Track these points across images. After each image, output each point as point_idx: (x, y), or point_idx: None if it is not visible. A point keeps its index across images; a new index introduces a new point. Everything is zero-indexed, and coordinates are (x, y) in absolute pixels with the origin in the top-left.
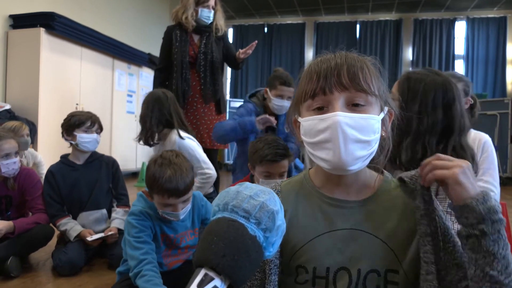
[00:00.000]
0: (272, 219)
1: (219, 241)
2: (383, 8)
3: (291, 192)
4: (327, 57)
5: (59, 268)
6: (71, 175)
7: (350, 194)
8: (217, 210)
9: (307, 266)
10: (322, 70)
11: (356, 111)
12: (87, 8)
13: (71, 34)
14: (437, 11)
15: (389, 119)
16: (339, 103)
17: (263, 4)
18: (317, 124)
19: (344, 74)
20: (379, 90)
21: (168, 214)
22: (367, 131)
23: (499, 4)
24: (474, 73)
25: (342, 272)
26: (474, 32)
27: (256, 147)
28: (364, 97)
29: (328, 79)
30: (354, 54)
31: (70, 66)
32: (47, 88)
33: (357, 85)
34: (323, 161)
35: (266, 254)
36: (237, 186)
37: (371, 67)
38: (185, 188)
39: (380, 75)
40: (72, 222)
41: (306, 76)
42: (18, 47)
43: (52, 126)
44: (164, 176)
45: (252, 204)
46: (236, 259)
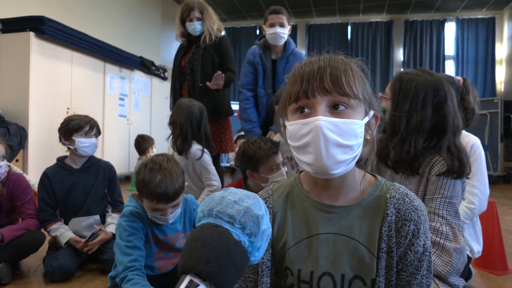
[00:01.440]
0: (257, 224)
1: (203, 247)
2: (374, 10)
3: (282, 195)
4: (312, 60)
5: (51, 274)
6: (68, 179)
7: (337, 199)
8: (202, 216)
9: (292, 268)
10: (305, 74)
11: (338, 115)
12: (77, 11)
13: (61, 38)
14: (427, 12)
15: (375, 122)
16: (321, 107)
17: (255, 6)
18: (300, 128)
19: (327, 78)
20: (363, 93)
21: (157, 218)
22: (349, 135)
23: (488, 5)
24: (464, 73)
25: (326, 278)
26: (464, 32)
27: (248, 153)
28: (346, 100)
29: (310, 82)
30: (340, 56)
31: (60, 70)
32: (37, 92)
33: (339, 89)
34: (306, 165)
35: (252, 259)
36: (222, 191)
37: (356, 69)
38: (175, 193)
39: (366, 78)
40: (62, 228)
41: (291, 79)
42: (8, 51)
43: (42, 131)
44: (154, 181)
45: (236, 209)
46: (221, 264)
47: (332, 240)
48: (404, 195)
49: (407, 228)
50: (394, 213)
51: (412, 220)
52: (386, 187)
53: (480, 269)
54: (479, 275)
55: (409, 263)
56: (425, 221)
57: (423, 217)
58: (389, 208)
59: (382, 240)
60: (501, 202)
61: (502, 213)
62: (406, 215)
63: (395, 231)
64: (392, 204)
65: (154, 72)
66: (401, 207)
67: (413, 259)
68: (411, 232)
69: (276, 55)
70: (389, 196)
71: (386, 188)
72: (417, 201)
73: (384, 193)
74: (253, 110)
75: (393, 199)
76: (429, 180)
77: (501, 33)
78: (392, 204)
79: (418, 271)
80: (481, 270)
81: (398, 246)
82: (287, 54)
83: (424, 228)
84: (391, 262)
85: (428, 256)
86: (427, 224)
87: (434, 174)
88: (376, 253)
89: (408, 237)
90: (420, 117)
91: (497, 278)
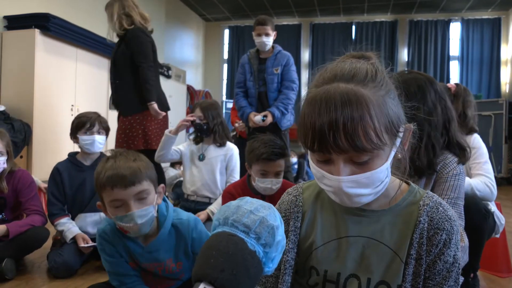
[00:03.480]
0: (272, 234)
1: (218, 255)
2: (378, 9)
3: (312, 194)
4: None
5: (54, 270)
6: (78, 176)
7: (370, 204)
8: (217, 224)
9: (319, 268)
10: (317, 131)
11: (360, 168)
12: (82, 9)
13: (66, 35)
14: (432, 12)
15: (407, 136)
16: (340, 164)
17: (259, 5)
18: (322, 178)
19: (341, 135)
20: (387, 128)
21: (122, 220)
22: (373, 184)
23: (493, 5)
24: (469, 74)
25: (352, 280)
26: (469, 33)
27: (253, 146)
28: (367, 154)
29: (323, 143)
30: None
31: (65, 67)
32: (42, 89)
33: (356, 147)
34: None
35: (266, 269)
36: (238, 200)
37: (374, 99)
38: (132, 174)
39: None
40: (69, 223)
41: (301, 124)
42: (13, 49)
43: (47, 127)
44: (105, 167)
45: (252, 219)
46: (235, 274)
47: (361, 243)
48: (438, 204)
49: (439, 237)
50: (427, 221)
51: (445, 229)
52: (419, 194)
53: (484, 272)
54: (483, 278)
55: (437, 272)
56: (457, 232)
57: (455, 228)
58: (422, 216)
59: (412, 247)
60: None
61: (506, 215)
62: (439, 224)
63: (427, 239)
64: (426, 211)
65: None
66: (435, 216)
67: (442, 269)
68: (442, 241)
69: (265, 55)
70: (422, 204)
71: (420, 196)
72: (451, 211)
73: (417, 200)
74: (242, 99)
75: (426, 206)
76: (437, 180)
77: (506, 34)
78: (426, 211)
79: (446, 281)
80: (485, 272)
81: (428, 254)
82: (275, 53)
83: (456, 239)
84: (420, 269)
85: (457, 268)
86: (458, 236)
87: (445, 174)
88: (404, 259)
89: (439, 246)
90: (434, 115)
91: (501, 281)
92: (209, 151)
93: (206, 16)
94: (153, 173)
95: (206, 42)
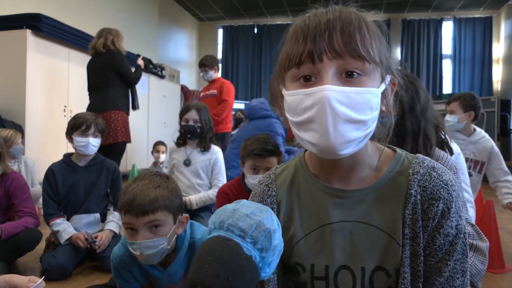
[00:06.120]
0: (268, 239)
1: (213, 260)
2: (371, 8)
3: (286, 180)
4: (318, 13)
5: (48, 272)
6: (71, 176)
7: (350, 181)
8: (213, 228)
9: (304, 263)
10: (311, 30)
11: (350, 83)
12: (74, 9)
13: (58, 35)
14: (424, 11)
15: (392, 90)
16: (329, 73)
17: (252, 5)
18: (303, 100)
19: (338, 36)
20: (380, 55)
21: (132, 246)
22: (363, 108)
23: (485, 4)
24: (461, 72)
25: (344, 272)
26: (461, 31)
27: (246, 143)
28: (361, 65)
29: (317, 41)
30: (352, 8)
31: (57, 68)
32: (34, 90)
33: (353, 50)
34: (309, 144)
35: (262, 274)
36: (234, 203)
37: (372, 25)
38: (146, 203)
39: (382, 35)
40: (65, 224)
41: (291, 37)
42: (4, 49)
43: (39, 129)
44: (127, 189)
45: (248, 223)
46: (230, 280)
47: (348, 229)
48: (431, 168)
49: (435, 209)
50: (419, 192)
51: (442, 198)
52: (408, 161)
53: None
54: None
55: (438, 247)
56: (457, 198)
57: (454, 193)
58: (412, 187)
59: (405, 225)
60: (498, 200)
61: (498, 212)
62: (434, 193)
63: (422, 213)
64: (416, 181)
65: (152, 70)
66: (427, 184)
67: (443, 243)
68: (440, 212)
69: None
70: (412, 172)
71: (408, 162)
72: (447, 175)
73: (405, 169)
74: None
75: (417, 175)
76: None
77: (498, 32)
78: (416, 181)
79: (451, 256)
80: None
81: (425, 230)
82: None
83: (457, 206)
84: (417, 249)
85: (463, 239)
86: (459, 202)
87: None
88: (400, 240)
89: (437, 218)
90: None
91: (494, 277)
92: (194, 156)
93: (199, 16)
94: (175, 203)
95: (200, 42)
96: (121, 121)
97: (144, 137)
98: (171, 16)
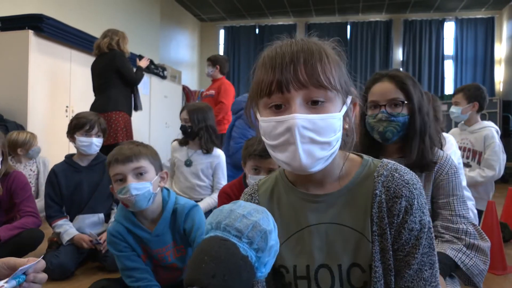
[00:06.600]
0: (264, 239)
1: (209, 260)
2: (373, 9)
3: (267, 190)
4: (283, 44)
5: (50, 272)
6: (74, 177)
7: (323, 186)
8: (209, 228)
9: (287, 265)
10: (277, 62)
11: (315, 110)
12: (76, 9)
13: (60, 36)
14: (426, 11)
15: (353, 109)
16: (297, 103)
17: (254, 5)
18: (275, 126)
19: (301, 69)
20: (340, 81)
21: (121, 192)
22: (327, 131)
23: (487, 4)
24: (463, 73)
25: (323, 270)
26: (463, 32)
27: (248, 144)
28: (323, 93)
29: (283, 73)
30: (313, 39)
31: (59, 68)
32: (36, 90)
33: (316, 81)
34: (284, 163)
35: (258, 274)
36: (231, 204)
37: (331, 54)
38: (132, 153)
39: (341, 61)
40: (67, 225)
41: (261, 64)
42: (6, 50)
43: (41, 129)
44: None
45: (244, 224)
46: (226, 279)
47: (324, 230)
48: (393, 170)
49: (398, 206)
50: (383, 192)
51: (404, 196)
52: (373, 165)
53: None
54: None
55: (404, 242)
56: (419, 196)
57: (416, 191)
58: (377, 187)
59: (373, 223)
60: (500, 202)
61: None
62: (396, 192)
63: (387, 211)
64: (381, 182)
65: (153, 70)
66: (390, 184)
67: (409, 238)
68: (403, 209)
69: None
70: (376, 175)
71: (374, 166)
72: (409, 175)
73: (371, 172)
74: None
75: (381, 177)
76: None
77: (500, 33)
78: (381, 182)
79: (417, 250)
80: None
81: (391, 226)
82: None
83: (419, 203)
84: (386, 245)
85: (428, 233)
86: (422, 199)
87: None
88: (370, 237)
89: (401, 215)
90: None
91: (496, 278)
92: (195, 157)
93: (201, 17)
94: (156, 159)
95: (201, 42)
96: (122, 122)
97: (145, 137)
98: (172, 16)
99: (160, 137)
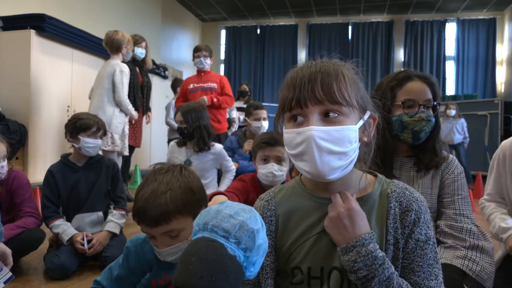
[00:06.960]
0: (252, 238)
1: (197, 262)
2: (374, 10)
3: (284, 197)
4: (304, 66)
5: (51, 271)
6: (71, 177)
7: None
8: (197, 230)
9: (302, 267)
10: (297, 81)
11: (331, 123)
12: (77, 9)
13: (62, 35)
14: (428, 12)
15: (373, 123)
16: (314, 116)
17: (256, 6)
18: (295, 138)
19: (318, 87)
20: (357, 98)
21: (155, 251)
22: (342, 142)
23: (489, 5)
24: (465, 74)
25: (335, 272)
26: (465, 33)
27: (256, 139)
28: (338, 108)
29: (302, 91)
30: (333, 61)
31: (61, 68)
32: (38, 90)
33: (331, 97)
34: (304, 171)
35: (247, 274)
36: (218, 204)
37: (348, 74)
38: (158, 214)
39: (362, 79)
40: (64, 225)
41: (285, 84)
42: (8, 49)
43: (43, 128)
44: (140, 192)
45: (231, 223)
46: (214, 280)
47: None
48: (404, 189)
49: (409, 218)
50: (397, 206)
51: (413, 210)
52: (386, 184)
53: None
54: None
55: (410, 250)
56: (426, 212)
57: (423, 208)
58: (391, 202)
59: (388, 233)
60: None
61: None
62: (408, 206)
63: (400, 222)
64: (394, 198)
65: (155, 70)
66: (403, 200)
67: (415, 247)
68: (412, 221)
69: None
70: (390, 191)
71: (387, 185)
72: (417, 193)
73: (385, 189)
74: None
75: (394, 193)
76: (444, 182)
77: (501, 34)
78: (394, 198)
79: (422, 259)
80: None
81: (403, 236)
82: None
83: (425, 218)
84: (398, 253)
85: (432, 247)
86: (427, 216)
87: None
88: (384, 246)
89: (410, 226)
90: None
91: None
92: (197, 157)
93: (202, 17)
94: (193, 201)
95: (202, 42)
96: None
97: (146, 137)
98: (174, 17)
99: (161, 137)
